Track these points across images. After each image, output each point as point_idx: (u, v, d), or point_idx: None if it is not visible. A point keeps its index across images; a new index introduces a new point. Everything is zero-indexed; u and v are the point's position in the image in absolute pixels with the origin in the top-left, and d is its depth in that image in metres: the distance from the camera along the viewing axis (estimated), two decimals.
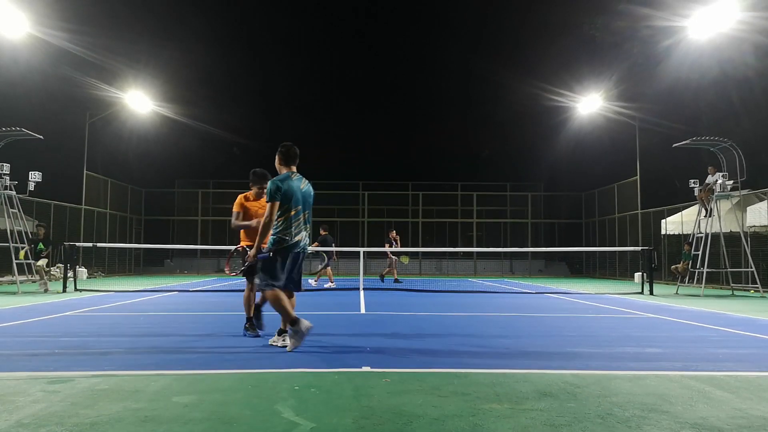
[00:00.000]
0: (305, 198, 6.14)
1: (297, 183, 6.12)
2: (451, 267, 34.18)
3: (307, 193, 6.19)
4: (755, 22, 19.84)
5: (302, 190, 6.13)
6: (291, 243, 6.00)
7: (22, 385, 4.42)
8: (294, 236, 6.02)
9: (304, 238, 6.14)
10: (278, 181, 6.02)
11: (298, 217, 6.04)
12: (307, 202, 6.17)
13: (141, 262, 32.11)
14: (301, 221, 6.08)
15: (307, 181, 6.30)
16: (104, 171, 28.44)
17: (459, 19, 41.72)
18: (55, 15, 22.51)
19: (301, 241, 6.09)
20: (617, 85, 27.85)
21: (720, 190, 16.24)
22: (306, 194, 6.17)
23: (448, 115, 41.46)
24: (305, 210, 6.13)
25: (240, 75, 39.28)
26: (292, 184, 6.05)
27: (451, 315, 10.25)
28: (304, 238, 6.12)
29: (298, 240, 6.05)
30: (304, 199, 6.12)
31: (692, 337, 7.57)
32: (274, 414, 3.72)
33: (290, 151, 6.27)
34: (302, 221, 6.10)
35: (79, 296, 13.72)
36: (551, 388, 4.42)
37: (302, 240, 6.10)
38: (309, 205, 6.23)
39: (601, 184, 31.57)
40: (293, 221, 6.01)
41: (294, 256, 6.06)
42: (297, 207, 6.03)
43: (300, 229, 6.08)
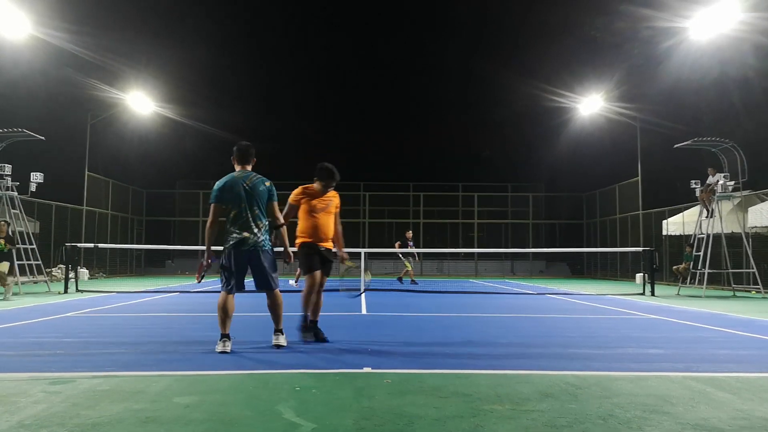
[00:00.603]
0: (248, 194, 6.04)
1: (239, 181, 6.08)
2: (452, 268, 34.18)
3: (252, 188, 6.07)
4: (756, 23, 19.82)
5: (247, 187, 6.05)
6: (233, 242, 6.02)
7: (23, 386, 4.43)
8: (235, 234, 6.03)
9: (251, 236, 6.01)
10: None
11: (241, 215, 6.01)
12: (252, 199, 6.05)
13: (142, 263, 32.13)
14: (244, 219, 6.01)
15: (255, 176, 6.20)
16: (106, 172, 28.46)
17: (460, 19, 41.70)
18: (57, 16, 22.53)
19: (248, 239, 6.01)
20: (618, 86, 27.83)
21: (721, 190, 16.24)
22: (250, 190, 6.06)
23: (449, 115, 41.47)
24: (248, 208, 6.02)
25: (241, 76, 39.31)
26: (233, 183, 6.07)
27: (452, 316, 10.25)
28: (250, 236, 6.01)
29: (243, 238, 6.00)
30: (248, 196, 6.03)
31: (693, 338, 7.56)
32: (275, 415, 3.72)
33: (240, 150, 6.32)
34: (246, 219, 6.01)
35: (81, 297, 13.73)
36: (552, 389, 4.42)
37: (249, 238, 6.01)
38: (254, 200, 6.06)
39: (602, 185, 31.57)
40: (235, 220, 6.02)
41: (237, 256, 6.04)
42: (240, 205, 6.00)
43: (243, 227, 6.01)
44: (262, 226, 6.08)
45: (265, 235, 6.11)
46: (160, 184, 34.48)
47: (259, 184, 6.12)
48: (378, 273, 31.68)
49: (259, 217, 6.06)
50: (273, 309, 6.31)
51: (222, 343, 5.96)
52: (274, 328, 6.36)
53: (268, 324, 6.55)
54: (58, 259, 22.45)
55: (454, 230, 35.27)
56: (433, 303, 13.01)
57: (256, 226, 6.03)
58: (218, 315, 6.06)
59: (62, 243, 20.08)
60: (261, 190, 6.10)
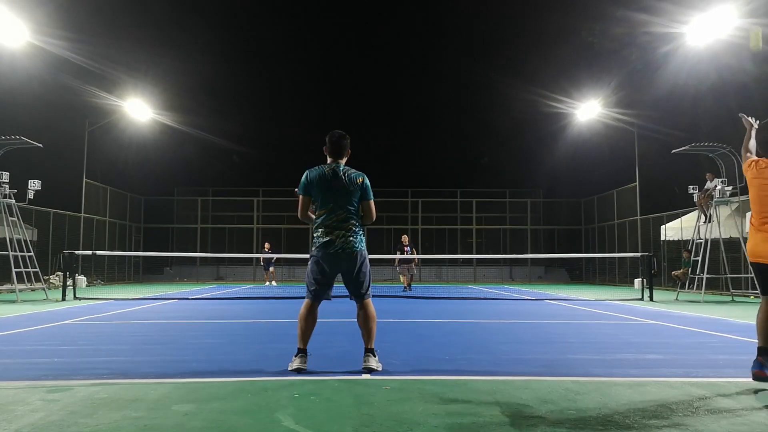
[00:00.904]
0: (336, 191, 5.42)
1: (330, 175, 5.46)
2: (451, 274, 34.16)
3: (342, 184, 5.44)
4: (753, 29, 19.88)
5: (339, 183, 5.42)
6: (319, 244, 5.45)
7: (21, 394, 4.41)
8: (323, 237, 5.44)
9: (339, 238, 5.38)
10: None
11: (330, 213, 5.42)
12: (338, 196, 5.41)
13: (140, 270, 32.08)
14: (334, 219, 5.40)
15: (348, 169, 5.54)
16: (104, 179, 28.46)
17: (458, 26, 41.87)
18: (55, 24, 22.57)
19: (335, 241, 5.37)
20: (616, 92, 27.91)
21: (719, 195, 16.26)
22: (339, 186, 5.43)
23: (448, 121, 41.59)
24: (339, 206, 5.40)
25: (239, 83, 39.39)
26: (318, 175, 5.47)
27: (451, 322, 10.24)
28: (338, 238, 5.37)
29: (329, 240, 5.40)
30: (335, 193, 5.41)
31: (692, 343, 7.56)
32: (274, 422, 3.71)
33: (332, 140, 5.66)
34: (336, 218, 5.40)
35: (79, 304, 13.70)
36: (552, 395, 4.41)
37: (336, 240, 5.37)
38: (343, 197, 5.42)
39: (601, 191, 31.61)
40: (324, 219, 5.44)
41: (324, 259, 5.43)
42: (328, 204, 5.42)
43: (331, 228, 5.40)
44: (354, 227, 5.41)
45: (359, 236, 5.44)
46: (158, 191, 34.47)
47: (353, 180, 5.43)
48: (377, 279, 31.69)
49: (351, 217, 5.41)
50: (365, 323, 5.51)
51: (299, 359, 5.32)
52: (365, 348, 5.48)
53: (268, 331, 6.55)
54: (56, 266, 22.43)
55: (452, 236, 35.26)
56: (432, 309, 13.00)
57: (346, 227, 5.38)
58: (299, 326, 5.43)
59: (60, 250, 20.08)
60: (355, 188, 5.42)
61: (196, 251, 31.87)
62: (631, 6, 25.58)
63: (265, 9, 40.31)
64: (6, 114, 24.27)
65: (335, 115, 41.43)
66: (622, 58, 28.64)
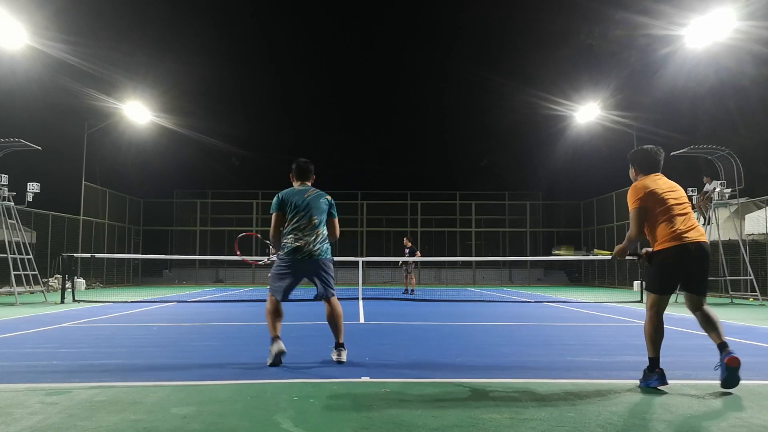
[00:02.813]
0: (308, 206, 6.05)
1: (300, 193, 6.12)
2: (450, 276, 34.17)
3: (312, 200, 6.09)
4: (752, 31, 19.93)
5: (307, 198, 6.07)
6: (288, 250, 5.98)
7: (19, 397, 4.40)
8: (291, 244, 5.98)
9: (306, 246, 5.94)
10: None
11: (299, 224, 5.98)
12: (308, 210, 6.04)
13: (139, 272, 32.06)
14: (301, 228, 5.97)
15: (315, 190, 6.21)
16: (103, 181, 28.48)
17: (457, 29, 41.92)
18: (54, 26, 22.59)
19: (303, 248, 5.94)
20: (615, 94, 27.94)
21: (718, 198, 16.27)
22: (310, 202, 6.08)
23: (447, 124, 41.66)
24: (308, 218, 6.00)
25: (239, 86, 39.45)
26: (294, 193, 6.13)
27: (450, 324, 10.23)
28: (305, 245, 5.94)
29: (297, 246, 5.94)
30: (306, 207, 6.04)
31: (692, 345, 7.55)
32: (273, 425, 3.70)
33: (299, 166, 6.35)
34: (303, 228, 5.97)
35: (77, 307, 13.69)
36: (551, 398, 4.41)
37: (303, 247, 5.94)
38: (312, 212, 6.04)
39: (600, 193, 31.62)
40: (293, 228, 6.00)
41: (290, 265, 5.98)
42: (298, 214, 6.00)
43: (300, 235, 5.96)
44: (320, 236, 6.02)
45: (325, 245, 6.05)
46: (157, 193, 34.48)
47: (321, 196, 6.15)
48: (376, 282, 31.68)
49: (317, 227, 6.02)
50: (333, 319, 6.12)
51: (276, 344, 5.77)
52: (335, 342, 6.08)
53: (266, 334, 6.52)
54: (55, 269, 22.41)
55: (452, 238, 35.27)
56: (431, 311, 12.99)
57: (313, 235, 5.97)
58: (267, 320, 5.94)
59: (59, 253, 20.07)
60: (321, 201, 6.12)
61: (195, 254, 31.85)
62: (630, 8, 25.62)
63: (265, 12, 40.37)
64: (5, 116, 24.29)
65: (335, 117, 41.52)
66: (621, 61, 28.68)
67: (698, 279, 5.02)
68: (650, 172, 5.19)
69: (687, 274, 4.98)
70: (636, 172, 5.32)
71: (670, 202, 4.91)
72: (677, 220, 4.84)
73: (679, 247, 4.78)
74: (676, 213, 4.87)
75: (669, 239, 4.81)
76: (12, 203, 15.64)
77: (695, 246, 4.81)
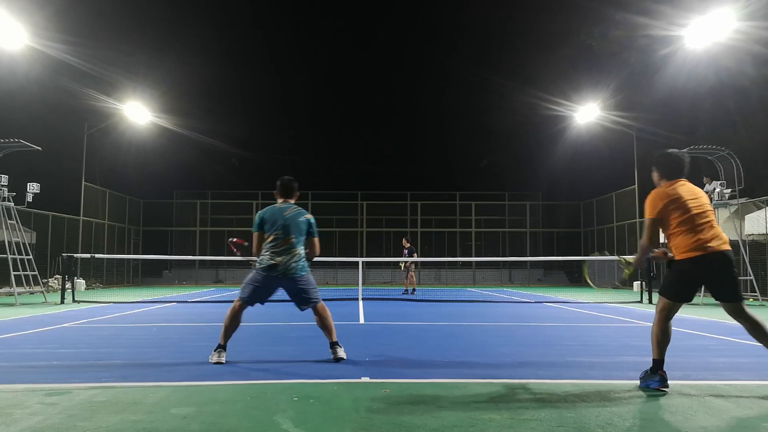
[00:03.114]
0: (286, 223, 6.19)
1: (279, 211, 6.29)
2: (450, 276, 34.17)
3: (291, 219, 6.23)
4: (752, 32, 19.92)
5: (285, 217, 6.21)
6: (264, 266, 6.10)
7: (19, 398, 4.41)
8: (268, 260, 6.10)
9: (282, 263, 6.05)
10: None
11: (276, 241, 6.12)
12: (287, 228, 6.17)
13: (139, 273, 32.06)
14: (278, 245, 6.10)
15: (295, 208, 6.35)
16: (102, 182, 28.46)
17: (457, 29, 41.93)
18: (54, 27, 22.56)
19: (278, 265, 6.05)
20: (615, 94, 27.93)
21: (718, 198, 16.28)
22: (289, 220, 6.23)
23: (447, 124, 41.65)
24: (285, 236, 6.13)
25: (239, 87, 39.43)
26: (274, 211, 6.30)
27: (450, 325, 10.23)
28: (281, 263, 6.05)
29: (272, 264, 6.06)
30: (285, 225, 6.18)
31: (691, 345, 7.55)
32: (273, 425, 3.70)
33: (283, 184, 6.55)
34: (280, 245, 6.10)
35: (77, 307, 13.68)
36: (551, 398, 4.41)
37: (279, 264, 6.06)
38: (289, 230, 6.17)
39: (600, 193, 31.63)
40: (270, 246, 6.13)
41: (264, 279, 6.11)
42: (277, 232, 6.14)
43: (277, 253, 6.09)
44: (296, 254, 6.11)
45: (299, 263, 6.12)
46: (157, 194, 34.46)
47: (299, 215, 6.27)
48: (376, 282, 31.68)
49: (294, 245, 6.12)
50: (322, 323, 6.28)
51: (217, 353, 5.99)
52: (329, 342, 6.23)
53: (266, 334, 6.55)
54: (55, 269, 22.41)
55: (451, 239, 35.25)
56: (431, 312, 12.99)
57: (289, 253, 6.07)
58: (224, 323, 6.11)
59: (59, 253, 20.06)
60: (300, 221, 6.23)
61: (195, 254, 31.84)
62: (630, 9, 25.61)
63: (265, 13, 40.37)
64: (5, 117, 24.28)
65: (335, 118, 41.51)
66: (621, 61, 28.66)
67: (726, 287, 4.82)
68: (674, 177, 5.00)
69: (712, 283, 4.84)
70: (659, 177, 5.11)
71: (693, 210, 4.78)
72: (699, 228, 4.72)
73: (701, 258, 4.68)
74: (698, 222, 4.75)
75: (690, 249, 4.70)
76: (12, 204, 15.64)
77: (717, 255, 4.69)
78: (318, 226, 6.43)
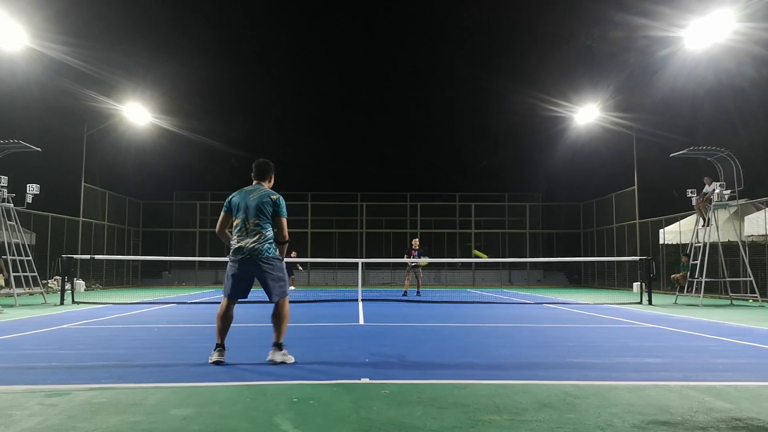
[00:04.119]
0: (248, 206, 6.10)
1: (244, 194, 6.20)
2: (450, 278, 34.17)
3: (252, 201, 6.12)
4: (751, 33, 19.93)
5: (250, 199, 6.12)
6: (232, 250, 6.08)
7: (19, 399, 4.40)
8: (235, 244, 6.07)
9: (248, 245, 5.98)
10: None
11: (242, 225, 6.06)
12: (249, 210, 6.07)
13: (139, 274, 32.06)
14: (243, 228, 6.04)
15: (262, 190, 6.24)
16: (102, 183, 28.45)
17: (456, 30, 41.87)
18: (54, 28, 22.56)
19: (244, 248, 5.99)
20: (614, 96, 27.94)
21: (717, 199, 16.28)
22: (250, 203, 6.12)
23: (447, 125, 41.62)
24: (249, 218, 6.04)
25: (239, 88, 39.38)
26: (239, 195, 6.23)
27: (450, 326, 10.23)
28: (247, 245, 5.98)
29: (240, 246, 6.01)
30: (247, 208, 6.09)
31: (692, 346, 7.55)
32: (273, 426, 3.70)
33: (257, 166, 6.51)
34: (245, 228, 6.03)
35: (77, 309, 13.68)
36: (551, 399, 4.41)
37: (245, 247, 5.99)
38: (252, 213, 6.06)
39: (599, 194, 31.64)
40: (237, 229, 6.10)
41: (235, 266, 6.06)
42: (242, 215, 6.08)
43: (242, 236, 6.03)
44: (262, 237, 6.00)
45: (266, 244, 5.99)
46: (156, 195, 34.46)
47: (264, 197, 6.12)
48: (375, 283, 31.68)
49: (260, 227, 6.01)
50: (275, 317, 6.14)
51: (217, 352, 5.96)
52: (273, 342, 6.09)
53: (266, 335, 6.53)
54: (55, 270, 22.41)
55: (451, 240, 35.26)
56: (431, 313, 12.99)
57: (254, 235, 5.98)
58: (216, 323, 6.08)
59: (58, 254, 20.07)
60: (264, 202, 6.07)
61: (195, 255, 31.84)
62: (629, 10, 25.63)
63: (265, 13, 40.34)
64: (4, 118, 24.25)
65: (334, 119, 41.47)
66: (621, 62, 28.68)
67: None
68: None
69: None
70: None
71: None
72: None
73: None
74: None
75: None
76: (11, 204, 15.63)
77: None
78: (318, 227, 6.44)
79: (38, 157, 18.09)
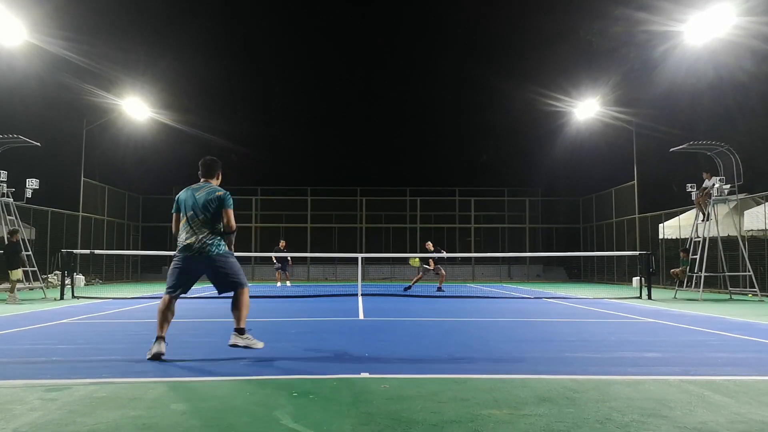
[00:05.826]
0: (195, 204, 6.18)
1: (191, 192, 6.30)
2: (449, 272, 34.10)
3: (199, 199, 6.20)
4: (751, 27, 19.92)
5: (196, 197, 6.20)
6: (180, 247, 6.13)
7: (19, 393, 4.41)
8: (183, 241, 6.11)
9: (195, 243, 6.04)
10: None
11: (188, 223, 6.13)
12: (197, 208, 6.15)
13: (138, 268, 32.04)
14: (189, 226, 6.11)
15: (209, 187, 6.37)
16: (101, 178, 28.41)
17: (456, 26, 41.85)
18: (53, 23, 22.52)
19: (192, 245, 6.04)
20: (614, 90, 27.91)
21: (717, 194, 16.28)
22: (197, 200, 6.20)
23: (446, 121, 41.56)
24: (197, 216, 6.11)
25: (238, 83, 39.33)
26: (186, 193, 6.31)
27: (450, 320, 10.24)
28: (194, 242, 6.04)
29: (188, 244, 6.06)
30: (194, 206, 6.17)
31: (691, 341, 7.56)
32: (273, 421, 3.71)
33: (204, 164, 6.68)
34: (191, 226, 6.10)
35: (77, 303, 13.69)
36: (550, 394, 4.41)
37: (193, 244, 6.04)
38: (199, 210, 6.15)
39: (599, 189, 31.62)
40: (183, 227, 6.16)
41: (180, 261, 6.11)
42: (188, 213, 6.15)
43: (189, 234, 6.09)
44: (210, 233, 6.09)
45: (214, 240, 6.09)
46: (155, 189, 34.39)
47: (210, 194, 6.24)
48: (375, 278, 31.69)
49: (206, 224, 6.10)
50: (235, 305, 6.15)
51: (157, 344, 5.86)
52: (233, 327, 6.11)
53: (265, 330, 6.55)
54: (54, 265, 22.40)
55: (451, 235, 35.24)
56: (431, 308, 13.00)
57: (201, 233, 6.06)
58: (158, 317, 6.01)
59: (58, 249, 20.05)
60: (210, 199, 6.19)
61: None
62: (629, 4, 25.61)
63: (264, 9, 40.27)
64: (4, 113, 24.23)
65: (333, 115, 41.41)
66: (621, 57, 28.65)
67: None
68: None
69: None
70: None
71: None
72: None
73: None
74: None
75: None
76: (11, 199, 15.63)
77: None
78: (317, 221, 6.44)
79: (38, 152, 18.10)
